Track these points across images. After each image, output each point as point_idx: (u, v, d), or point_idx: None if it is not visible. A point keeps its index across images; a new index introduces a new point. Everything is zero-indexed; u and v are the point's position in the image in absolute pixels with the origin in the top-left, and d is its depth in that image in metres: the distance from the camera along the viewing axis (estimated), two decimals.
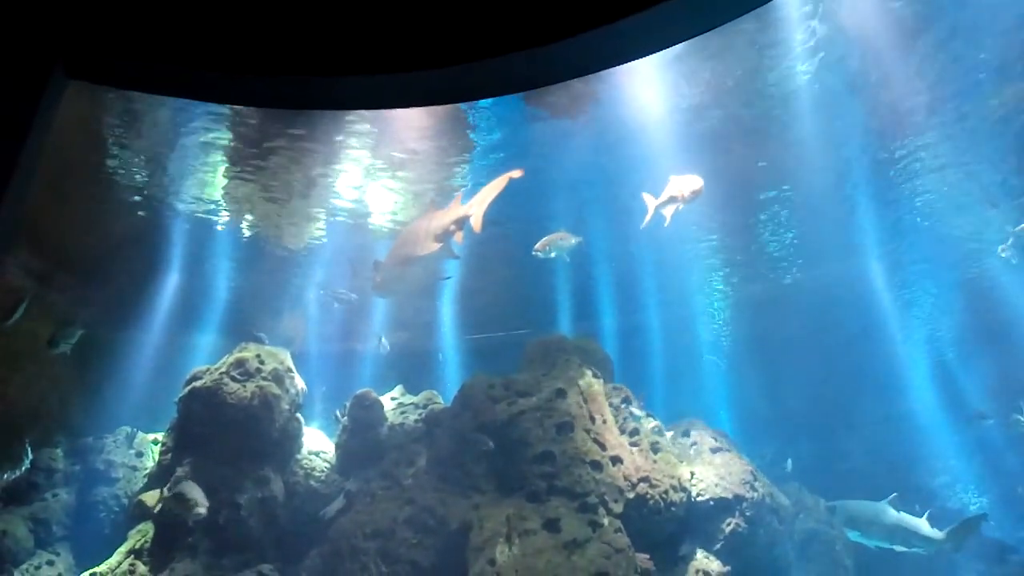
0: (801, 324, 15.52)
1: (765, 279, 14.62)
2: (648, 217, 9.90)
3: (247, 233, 14.21)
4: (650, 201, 10.04)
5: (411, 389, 14.16)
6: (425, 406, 13.75)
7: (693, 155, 9.50)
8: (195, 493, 10.05)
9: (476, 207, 10.52)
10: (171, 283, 15.13)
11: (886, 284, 14.09)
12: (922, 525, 12.42)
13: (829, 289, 14.31)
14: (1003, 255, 11.59)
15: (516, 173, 10.08)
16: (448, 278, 13.21)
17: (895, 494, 12.32)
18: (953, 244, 13.11)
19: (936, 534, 12.23)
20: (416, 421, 13.10)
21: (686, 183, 9.73)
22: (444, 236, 10.87)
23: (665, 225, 9.55)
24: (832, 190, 11.25)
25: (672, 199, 9.73)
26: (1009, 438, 16.41)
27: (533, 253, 10.82)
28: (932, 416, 16.84)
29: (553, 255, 10.87)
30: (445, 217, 11.01)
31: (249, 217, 13.68)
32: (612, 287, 15.52)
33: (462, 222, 10.77)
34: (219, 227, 13.87)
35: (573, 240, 11.00)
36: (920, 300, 15.23)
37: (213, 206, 13.31)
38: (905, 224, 12.39)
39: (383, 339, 14.65)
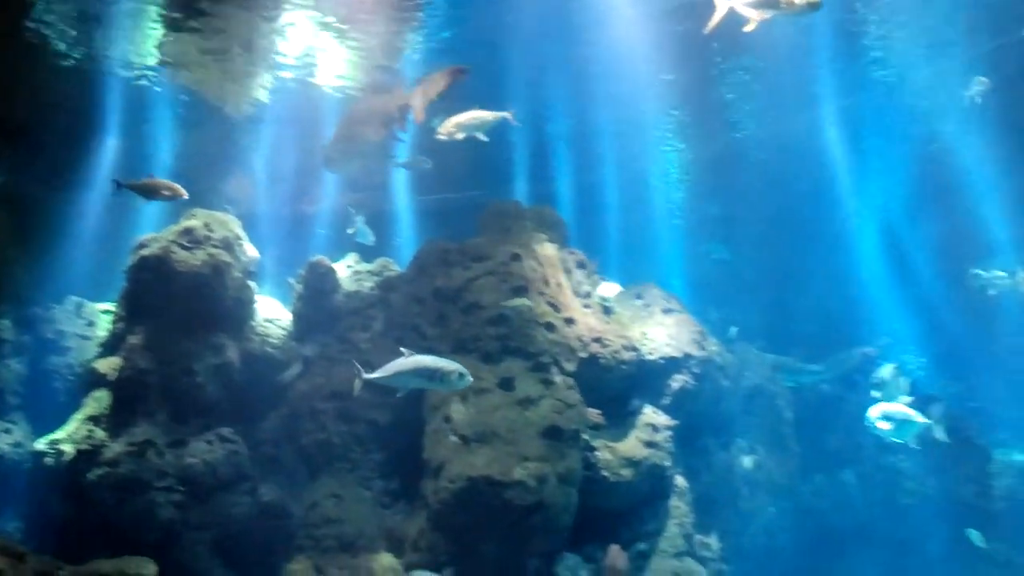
0: (755, 184, 15.64)
1: (720, 136, 14.56)
2: (714, 21, 8.44)
3: (187, 94, 13.61)
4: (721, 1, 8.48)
5: (365, 253, 14.07)
6: (380, 273, 13.73)
7: (655, 7, 9.10)
8: (451, 365, 8.55)
9: (418, 98, 10.09)
10: (109, 147, 14.54)
11: (840, 141, 14.14)
12: None
13: (784, 148, 14.34)
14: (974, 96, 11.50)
15: (457, 71, 9.61)
16: (399, 160, 12.88)
17: None
18: (908, 100, 13.16)
19: None
20: (371, 288, 13.10)
21: None
22: (387, 122, 10.51)
23: (746, 29, 8.18)
24: (793, 42, 11.05)
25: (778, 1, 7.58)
26: (949, 299, 17.10)
27: (436, 137, 10.18)
28: (878, 277, 17.37)
29: (461, 136, 10.15)
30: (387, 103, 10.61)
31: (189, 77, 13.07)
32: (569, 147, 15.31)
33: (405, 110, 10.37)
34: (157, 88, 13.26)
35: (490, 118, 10.27)
36: (873, 158, 15.37)
37: (150, 66, 12.67)
38: (862, 77, 12.33)
39: (355, 215, 13.71)
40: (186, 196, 10.16)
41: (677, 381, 11.99)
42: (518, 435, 9.80)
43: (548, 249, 12.14)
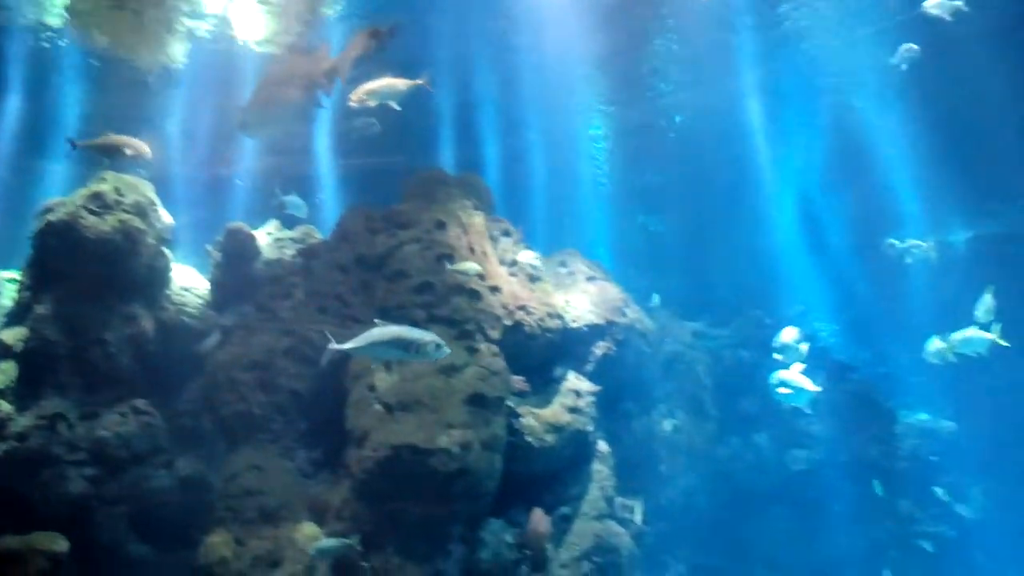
0: (677, 152, 15.86)
1: (645, 103, 14.65)
2: None
3: (96, 51, 12.95)
4: None
5: (287, 219, 13.76)
6: (302, 241, 13.45)
7: None
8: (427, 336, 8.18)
9: (345, 61, 9.85)
10: (12, 106, 13.77)
11: (760, 111, 14.46)
12: None
13: (705, 116, 14.57)
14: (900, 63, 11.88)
15: (381, 32, 9.35)
16: (322, 107, 12.51)
17: None
18: (825, 70, 13.52)
19: None
20: (293, 256, 12.84)
21: None
22: (311, 86, 10.21)
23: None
24: (716, 9, 11.18)
25: None
26: (862, 268, 17.78)
27: (349, 104, 10.00)
28: (794, 246, 17.93)
29: (373, 104, 9.99)
30: (309, 66, 10.31)
31: (98, 33, 12.41)
32: (495, 112, 15.19)
33: (332, 75, 10.11)
34: (63, 43, 12.56)
35: (403, 86, 10.10)
36: (791, 128, 15.76)
37: (56, 21, 11.99)
38: (780, 46, 12.59)
39: (287, 198, 13.28)
40: (150, 155, 9.68)
41: (600, 348, 12.19)
42: (442, 403, 9.80)
43: (474, 217, 12.08)
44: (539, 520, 10.23)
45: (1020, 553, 15.20)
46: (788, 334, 12.92)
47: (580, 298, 12.45)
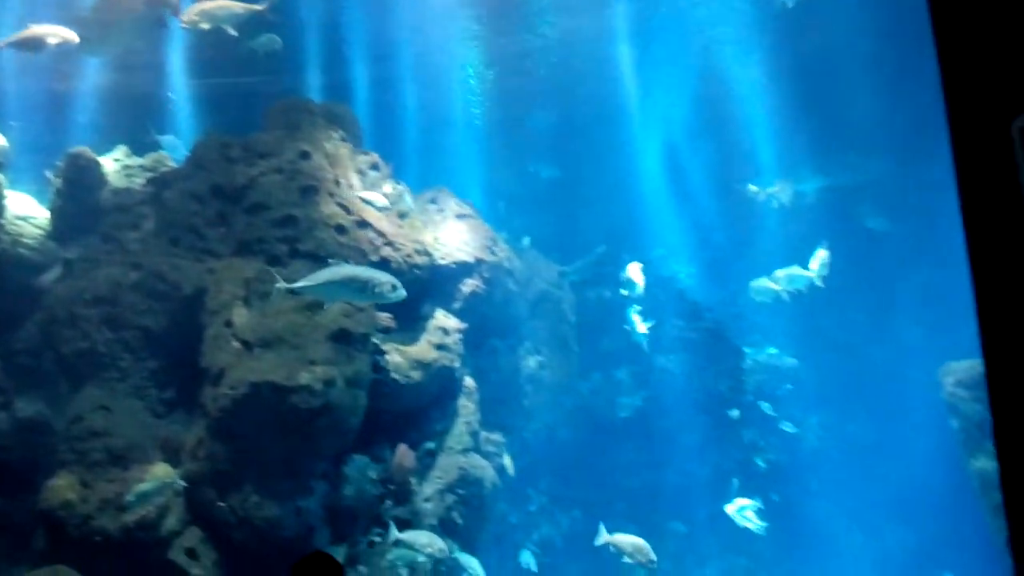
0: (547, 88, 15.77)
1: (517, 34, 14.39)
2: None
3: None
4: None
5: (134, 144, 12.82)
6: (154, 169, 12.60)
7: None
8: (384, 277, 8.45)
9: None
10: None
11: (629, 51, 14.56)
12: None
13: (575, 51, 14.50)
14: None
15: None
16: (165, 26, 11.52)
17: None
18: (693, 15, 13.71)
19: None
20: (144, 185, 12.03)
21: None
22: (154, 3, 9.41)
23: None
24: None
25: None
26: (719, 213, 18.50)
27: (181, 26, 9.36)
28: (658, 190, 18.39)
29: (207, 27, 9.34)
30: None
31: None
32: (365, 34, 14.50)
33: None
34: None
35: (240, 10, 9.43)
36: (659, 72, 16.00)
37: None
38: None
39: (162, 137, 12.42)
40: (77, 40, 8.80)
41: (468, 285, 12.21)
42: (305, 339, 9.59)
43: (340, 148, 11.71)
44: (404, 455, 10.30)
45: (849, 477, 16.56)
46: (633, 270, 13.50)
47: (449, 236, 12.38)
